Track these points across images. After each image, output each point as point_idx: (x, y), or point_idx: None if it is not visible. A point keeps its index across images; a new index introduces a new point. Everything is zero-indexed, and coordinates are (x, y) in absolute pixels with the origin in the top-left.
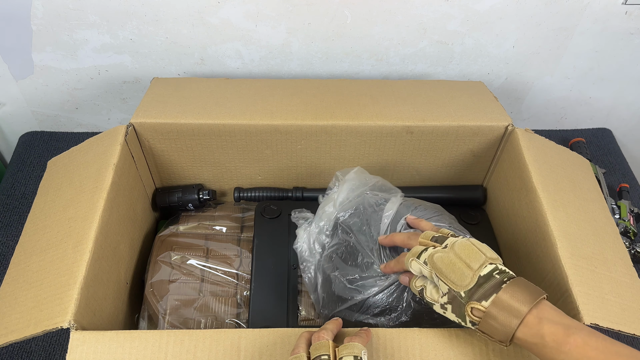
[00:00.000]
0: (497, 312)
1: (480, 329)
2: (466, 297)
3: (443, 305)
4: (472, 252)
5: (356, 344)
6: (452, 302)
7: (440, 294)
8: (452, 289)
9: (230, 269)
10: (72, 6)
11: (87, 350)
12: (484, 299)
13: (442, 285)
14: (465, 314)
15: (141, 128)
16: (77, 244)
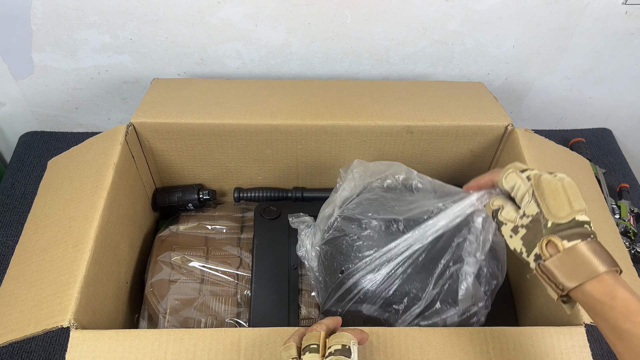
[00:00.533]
0: (575, 256)
1: (545, 266)
2: (551, 228)
3: (517, 227)
4: (577, 194)
5: (346, 334)
6: (530, 228)
7: (520, 215)
8: (542, 214)
9: (230, 269)
10: (72, 6)
11: (86, 349)
12: (567, 239)
13: (531, 207)
14: (538, 245)
15: (141, 128)
16: (77, 244)
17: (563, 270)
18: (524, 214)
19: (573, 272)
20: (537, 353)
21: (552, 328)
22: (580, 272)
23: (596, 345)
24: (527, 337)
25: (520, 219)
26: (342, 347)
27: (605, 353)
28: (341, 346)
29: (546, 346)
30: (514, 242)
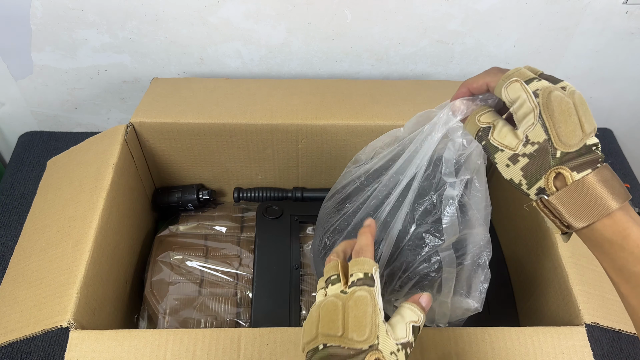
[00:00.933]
0: (585, 190)
1: (550, 202)
2: (559, 158)
3: (516, 156)
4: (588, 112)
5: (367, 260)
6: (535, 157)
7: (521, 141)
8: (551, 142)
9: (230, 269)
10: (72, 6)
11: (86, 349)
12: (576, 169)
13: (536, 132)
14: (543, 178)
15: (141, 127)
16: (76, 243)
17: (571, 207)
18: (527, 140)
19: (582, 209)
20: (538, 353)
21: (552, 328)
22: (590, 209)
23: (596, 345)
24: (528, 337)
25: (523, 147)
26: (365, 275)
27: (606, 353)
28: (363, 274)
29: (547, 346)
30: (511, 173)
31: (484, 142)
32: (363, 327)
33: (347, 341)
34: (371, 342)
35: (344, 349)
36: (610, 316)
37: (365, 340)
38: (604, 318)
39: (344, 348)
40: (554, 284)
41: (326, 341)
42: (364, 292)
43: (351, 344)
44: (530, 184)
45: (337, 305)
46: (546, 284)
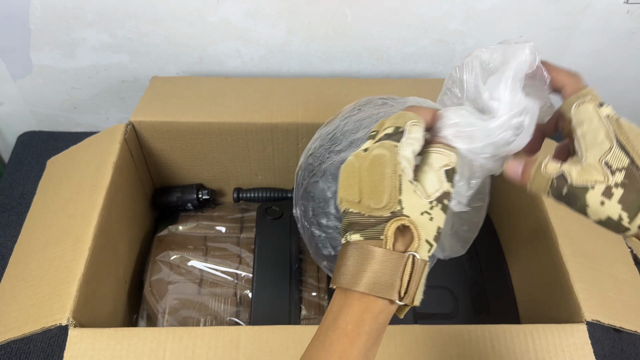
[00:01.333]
0: None
1: None
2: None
3: (609, 189)
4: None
5: (408, 114)
6: (627, 185)
7: (605, 172)
8: (636, 165)
9: (230, 269)
10: (71, 5)
11: (85, 347)
12: None
13: (617, 157)
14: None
15: (140, 127)
16: (76, 242)
17: None
18: (613, 169)
19: None
20: (538, 350)
21: (553, 325)
22: None
23: (598, 346)
24: (529, 335)
25: (611, 176)
26: (395, 129)
27: (607, 354)
28: (394, 129)
29: (547, 344)
30: (609, 209)
31: (566, 191)
32: (380, 192)
33: (365, 208)
34: (392, 209)
35: (364, 217)
36: (611, 314)
37: (385, 207)
38: (604, 316)
39: (364, 215)
40: (555, 282)
41: (347, 207)
42: (382, 149)
43: (369, 211)
44: (632, 215)
45: (353, 165)
46: (547, 282)
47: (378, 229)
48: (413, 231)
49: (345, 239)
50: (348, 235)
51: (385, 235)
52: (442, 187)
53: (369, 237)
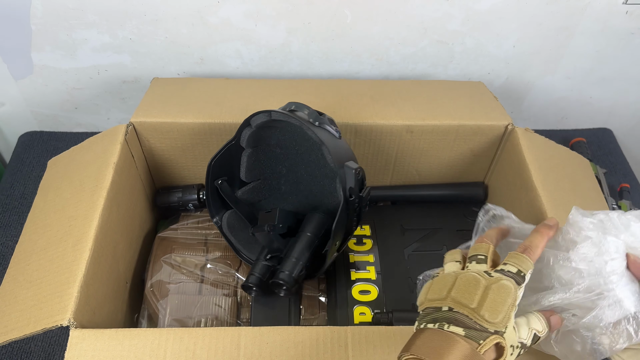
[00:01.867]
0: None
1: None
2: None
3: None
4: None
5: (528, 259)
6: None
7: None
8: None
9: (230, 269)
10: (72, 6)
11: (86, 347)
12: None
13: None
14: None
15: (141, 127)
16: (76, 243)
17: None
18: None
19: None
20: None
21: None
22: None
23: None
24: None
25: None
26: (518, 271)
27: None
28: (517, 270)
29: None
30: None
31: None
32: (498, 311)
33: (477, 316)
34: (499, 328)
35: (471, 321)
36: None
37: (496, 323)
38: None
39: (471, 320)
40: None
41: (455, 307)
42: (510, 283)
43: (480, 320)
44: None
45: (479, 281)
46: None
47: (481, 335)
48: (506, 350)
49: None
50: (448, 326)
51: (486, 342)
52: (527, 340)
53: (470, 337)
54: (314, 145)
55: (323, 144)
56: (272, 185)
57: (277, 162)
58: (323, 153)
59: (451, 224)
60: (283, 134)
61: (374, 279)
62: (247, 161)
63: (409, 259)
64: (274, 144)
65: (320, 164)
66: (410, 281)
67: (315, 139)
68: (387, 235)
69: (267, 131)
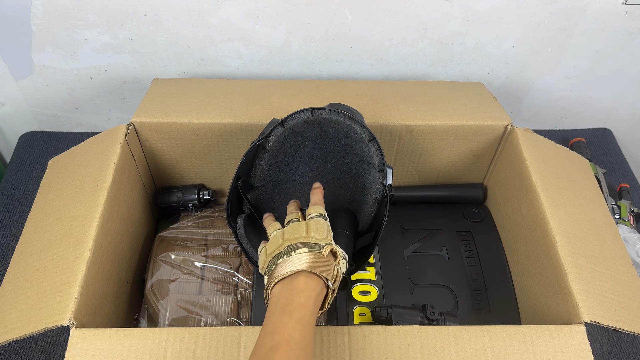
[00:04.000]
0: None
1: None
2: None
3: None
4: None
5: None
6: None
7: None
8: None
9: (230, 269)
10: (72, 6)
11: (86, 347)
12: None
13: None
14: None
15: (141, 127)
16: (77, 243)
17: None
18: None
19: None
20: (537, 351)
21: (552, 326)
22: None
23: (596, 345)
24: (527, 336)
25: None
26: (320, 214)
27: (605, 353)
28: (319, 213)
29: (546, 344)
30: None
31: None
32: (322, 231)
33: (309, 238)
34: (328, 241)
35: (307, 243)
36: (610, 315)
37: (325, 238)
38: (603, 317)
39: (307, 242)
40: (553, 283)
41: (291, 242)
42: (320, 218)
43: (313, 239)
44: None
45: (301, 223)
46: (546, 283)
47: (318, 247)
48: (339, 255)
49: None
50: (294, 252)
51: (324, 250)
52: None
53: (313, 251)
54: (357, 143)
55: (374, 139)
56: (286, 190)
57: (294, 167)
58: (369, 150)
59: (451, 225)
60: (319, 134)
61: (374, 280)
62: (265, 163)
63: (409, 260)
64: (298, 147)
65: (357, 163)
66: (410, 282)
67: (365, 136)
68: (388, 236)
69: (298, 133)
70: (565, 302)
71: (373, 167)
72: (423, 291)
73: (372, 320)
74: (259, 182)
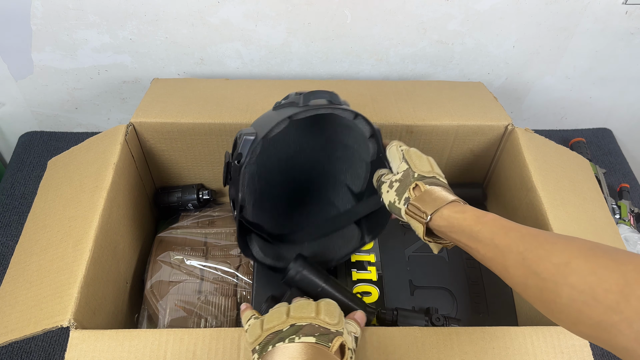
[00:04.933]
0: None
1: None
2: (417, 177)
3: (392, 182)
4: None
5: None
6: (402, 180)
7: (394, 175)
8: (410, 168)
9: (230, 269)
10: (72, 6)
11: (86, 348)
12: (427, 184)
13: (402, 166)
14: (407, 189)
15: (141, 127)
16: (77, 243)
17: (425, 203)
18: (397, 172)
19: (432, 203)
20: (537, 352)
21: (552, 328)
22: (437, 202)
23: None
24: (528, 337)
25: (395, 176)
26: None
27: (606, 353)
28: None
29: (547, 345)
30: (390, 196)
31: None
32: (334, 315)
33: (319, 321)
34: (339, 328)
35: (316, 327)
36: None
37: (336, 324)
38: None
39: (316, 326)
40: None
41: (297, 321)
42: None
43: (323, 323)
44: (399, 197)
45: (310, 302)
46: None
47: (329, 338)
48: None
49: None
50: (299, 337)
51: (334, 343)
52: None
53: (320, 342)
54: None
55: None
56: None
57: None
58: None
59: None
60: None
61: (375, 280)
62: (249, 179)
63: (409, 260)
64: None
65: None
66: (410, 284)
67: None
68: (388, 235)
69: (278, 140)
70: None
71: (364, 141)
72: (424, 293)
73: (377, 322)
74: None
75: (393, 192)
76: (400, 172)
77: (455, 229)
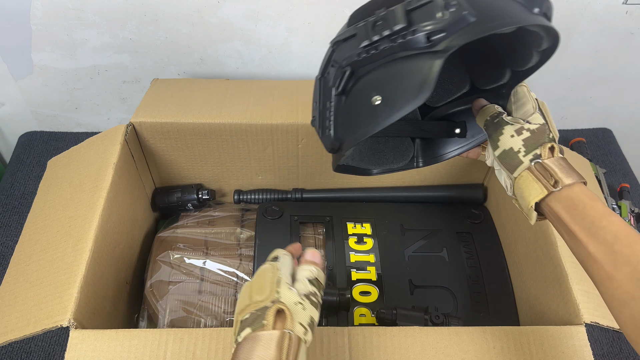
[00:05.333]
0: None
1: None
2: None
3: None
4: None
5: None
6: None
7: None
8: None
9: (230, 269)
10: (72, 6)
11: (86, 348)
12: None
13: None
14: (541, 147)
15: (141, 127)
16: (77, 243)
17: (562, 169)
18: (529, 122)
19: (569, 173)
20: (538, 352)
21: (552, 327)
22: (574, 174)
23: (596, 345)
24: (528, 337)
25: (529, 124)
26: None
27: (606, 353)
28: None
29: (547, 345)
30: (513, 142)
31: (498, 119)
32: (262, 288)
33: (253, 305)
34: (272, 298)
35: (253, 313)
36: (610, 315)
37: (266, 297)
38: (603, 317)
39: (253, 312)
40: (554, 283)
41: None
42: (267, 265)
43: (256, 305)
44: (528, 151)
45: (245, 287)
46: (546, 284)
47: (262, 317)
48: (287, 313)
49: (236, 340)
50: (239, 336)
51: (267, 319)
52: (308, 288)
53: (256, 328)
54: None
55: None
56: None
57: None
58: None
59: (451, 226)
60: None
61: (375, 280)
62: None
63: (409, 260)
64: None
65: None
66: (410, 283)
67: None
68: (388, 235)
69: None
70: (566, 302)
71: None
72: (423, 292)
73: (376, 322)
74: None
75: (520, 140)
76: (536, 123)
77: (577, 212)
